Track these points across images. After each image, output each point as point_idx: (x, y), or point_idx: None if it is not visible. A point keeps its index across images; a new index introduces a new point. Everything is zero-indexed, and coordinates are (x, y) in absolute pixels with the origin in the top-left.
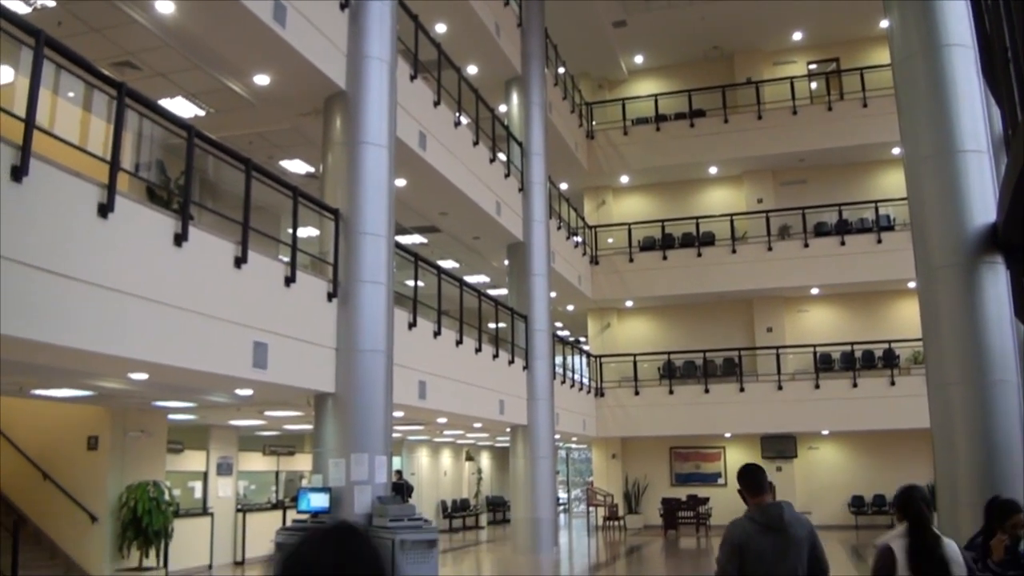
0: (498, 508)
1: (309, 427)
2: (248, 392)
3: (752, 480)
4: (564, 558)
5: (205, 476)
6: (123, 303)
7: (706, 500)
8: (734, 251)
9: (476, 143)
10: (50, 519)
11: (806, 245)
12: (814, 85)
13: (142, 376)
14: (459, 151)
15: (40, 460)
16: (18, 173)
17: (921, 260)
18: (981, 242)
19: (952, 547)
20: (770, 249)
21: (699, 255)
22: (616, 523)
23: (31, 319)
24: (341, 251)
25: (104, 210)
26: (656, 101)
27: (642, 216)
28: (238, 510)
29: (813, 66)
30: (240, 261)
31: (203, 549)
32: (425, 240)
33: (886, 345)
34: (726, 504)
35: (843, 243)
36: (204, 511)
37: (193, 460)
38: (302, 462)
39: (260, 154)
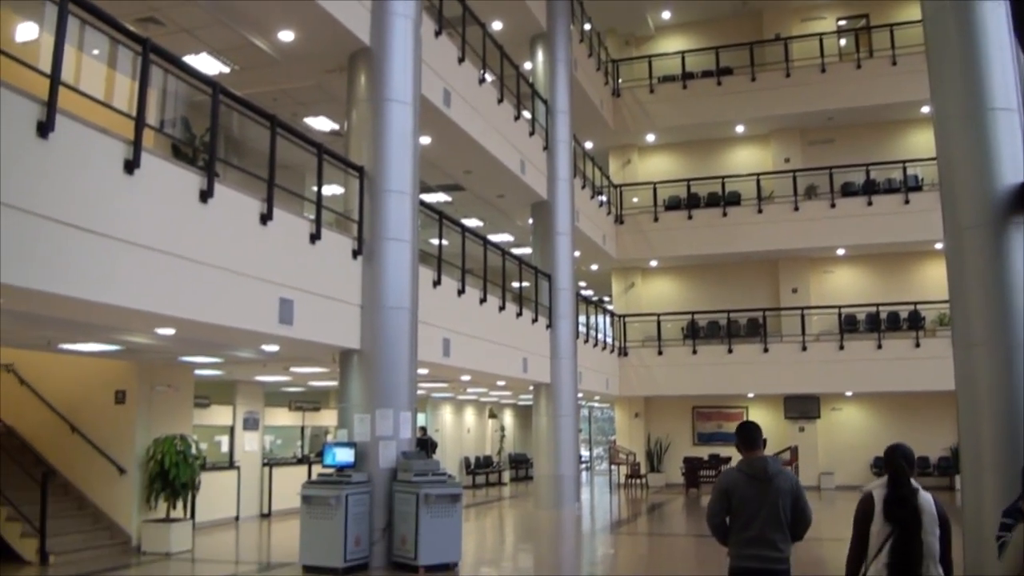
0: (521, 465)
1: (334, 383)
2: (274, 348)
3: (746, 436)
4: (586, 514)
5: (231, 430)
6: (149, 259)
7: (728, 459)
8: (760, 211)
9: (501, 101)
10: (78, 471)
11: (833, 205)
12: (843, 42)
13: (169, 331)
14: (483, 109)
15: (68, 413)
16: (44, 129)
17: (949, 220)
18: (1010, 202)
19: (927, 498)
20: (796, 209)
21: (724, 215)
22: (638, 481)
23: (58, 274)
24: (366, 208)
25: (130, 166)
26: (683, 58)
27: (668, 175)
28: (264, 464)
29: (842, 22)
30: (266, 218)
31: (230, 501)
32: (449, 198)
33: (912, 307)
34: None
35: (870, 203)
36: (231, 465)
37: (219, 415)
38: (327, 418)
39: (285, 111)
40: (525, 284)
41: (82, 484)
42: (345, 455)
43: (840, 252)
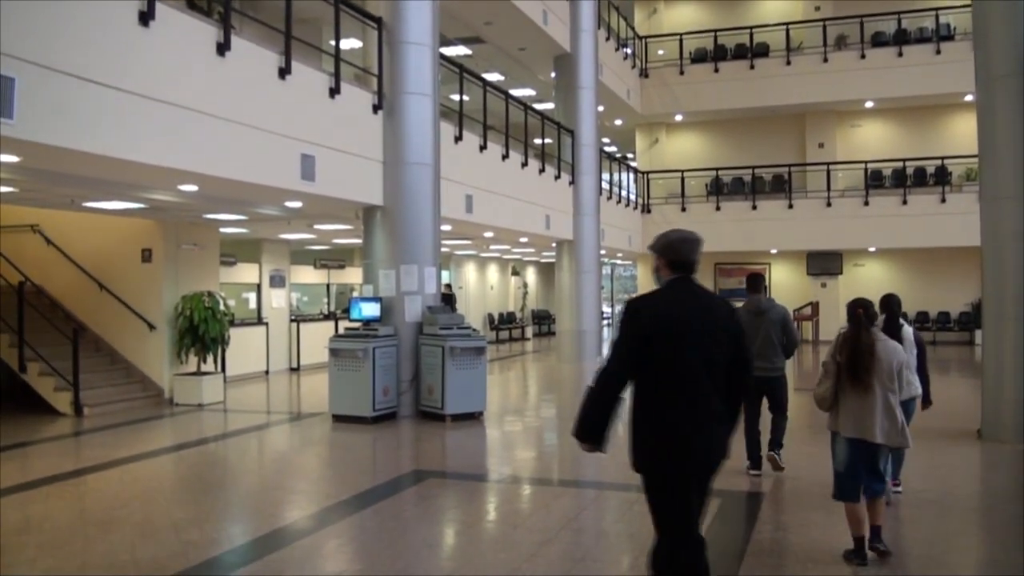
0: (543, 321)
1: (358, 241)
2: (297, 204)
3: (752, 282)
4: None
5: (258, 288)
6: (168, 113)
7: None
8: (788, 63)
9: None
10: (109, 328)
11: (863, 56)
12: None
13: (191, 187)
14: None
15: (95, 272)
16: None
17: (981, 69)
18: None
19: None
20: (825, 61)
21: (752, 67)
22: None
23: (74, 129)
24: (385, 61)
25: (145, 18)
26: None
27: (695, 26)
28: (291, 320)
29: None
30: (284, 72)
31: (259, 356)
32: (469, 52)
33: (939, 161)
34: None
35: (900, 54)
36: (259, 321)
37: (246, 272)
38: (352, 275)
39: None
40: (548, 140)
41: (113, 340)
42: (371, 309)
43: (868, 105)
